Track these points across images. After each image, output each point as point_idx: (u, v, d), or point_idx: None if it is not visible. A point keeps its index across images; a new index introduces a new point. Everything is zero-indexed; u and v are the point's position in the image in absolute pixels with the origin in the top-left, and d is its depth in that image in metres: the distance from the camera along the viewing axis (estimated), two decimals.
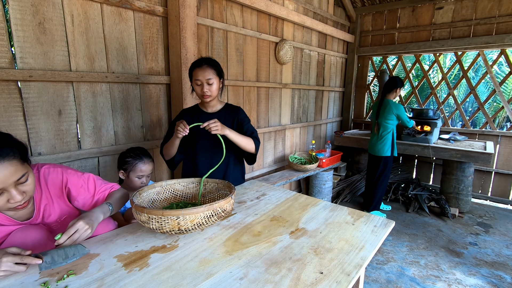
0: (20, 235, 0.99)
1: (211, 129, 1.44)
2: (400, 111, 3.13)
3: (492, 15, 3.66)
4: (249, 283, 0.88)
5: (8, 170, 0.87)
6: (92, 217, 1.04)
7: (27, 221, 1.07)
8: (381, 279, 2.30)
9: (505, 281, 2.30)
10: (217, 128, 1.45)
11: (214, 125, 1.44)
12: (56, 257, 0.90)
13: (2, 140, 0.89)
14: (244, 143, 1.62)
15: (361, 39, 4.74)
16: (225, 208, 1.14)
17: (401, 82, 3.22)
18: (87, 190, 1.20)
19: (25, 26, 1.49)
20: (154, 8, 2.00)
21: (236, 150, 1.79)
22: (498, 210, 3.77)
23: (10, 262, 0.82)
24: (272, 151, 3.44)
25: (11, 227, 1.03)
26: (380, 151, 3.25)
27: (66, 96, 1.69)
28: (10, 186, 0.90)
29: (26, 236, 1.00)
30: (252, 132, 1.73)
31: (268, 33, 3.06)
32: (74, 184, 1.17)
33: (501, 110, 4.00)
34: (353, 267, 0.96)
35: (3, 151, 0.86)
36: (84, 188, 1.19)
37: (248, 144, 1.64)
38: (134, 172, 1.63)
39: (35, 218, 1.09)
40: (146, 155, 1.68)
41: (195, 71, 1.58)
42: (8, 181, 0.88)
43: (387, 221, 1.31)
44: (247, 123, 1.76)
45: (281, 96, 3.43)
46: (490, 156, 3.09)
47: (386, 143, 3.21)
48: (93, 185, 1.22)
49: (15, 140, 0.94)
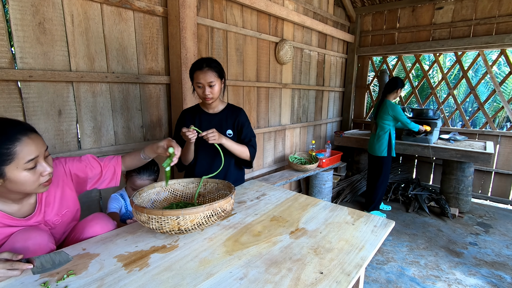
0: (21, 237, 0.99)
1: (209, 139, 1.48)
2: (397, 112, 3.11)
3: (492, 15, 3.66)
4: (249, 283, 0.88)
5: (39, 140, 0.98)
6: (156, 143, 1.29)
7: (29, 216, 1.07)
8: (381, 279, 2.30)
9: (505, 281, 2.30)
10: (214, 138, 1.50)
11: (212, 135, 1.49)
12: (45, 263, 0.90)
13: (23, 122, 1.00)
14: (239, 152, 1.67)
15: (361, 39, 4.74)
16: (225, 208, 1.14)
17: (402, 83, 3.22)
18: (93, 168, 1.26)
19: (25, 26, 1.49)
20: (154, 8, 2.00)
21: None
22: (498, 210, 3.76)
23: (3, 268, 0.83)
24: (272, 151, 3.44)
25: (12, 229, 1.02)
26: (377, 151, 3.27)
27: (66, 96, 1.69)
28: (41, 157, 0.97)
29: (27, 238, 1.00)
30: (250, 139, 1.76)
31: (268, 33, 3.06)
32: (78, 168, 1.22)
33: (501, 110, 4.00)
34: (353, 267, 0.96)
35: (30, 126, 0.98)
36: (89, 168, 1.25)
37: (243, 152, 1.69)
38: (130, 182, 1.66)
39: (37, 213, 1.10)
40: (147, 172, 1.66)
41: (196, 74, 1.57)
42: (42, 149, 0.98)
43: (387, 221, 1.31)
44: (247, 127, 1.77)
45: (281, 96, 3.43)
46: (490, 156, 3.09)
47: (383, 143, 3.22)
48: (95, 162, 1.28)
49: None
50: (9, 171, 0.91)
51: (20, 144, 0.91)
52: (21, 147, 0.91)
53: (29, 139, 0.94)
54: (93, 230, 1.16)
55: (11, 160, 0.90)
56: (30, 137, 0.94)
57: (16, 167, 0.91)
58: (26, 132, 0.94)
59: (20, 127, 0.94)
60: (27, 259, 0.89)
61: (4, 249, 0.97)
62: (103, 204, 1.92)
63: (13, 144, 0.90)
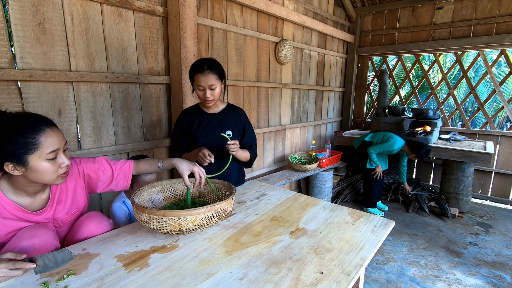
0: (28, 234, 1.00)
1: (230, 149, 1.54)
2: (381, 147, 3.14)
3: (492, 15, 3.66)
4: (249, 283, 0.88)
5: (61, 133, 1.05)
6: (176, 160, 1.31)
7: (40, 211, 1.10)
8: (381, 279, 2.30)
9: (505, 281, 2.30)
10: (235, 149, 1.55)
11: (233, 147, 1.54)
12: (48, 262, 0.91)
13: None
14: (243, 158, 1.73)
15: (361, 39, 4.74)
16: (226, 209, 1.14)
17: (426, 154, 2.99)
18: (105, 171, 1.27)
19: (25, 26, 1.49)
20: (154, 8, 2.00)
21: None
22: (498, 210, 3.76)
23: (5, 268, 0.84)
24: (272, 151, 3.44)
25: (20, 223, 1.04)
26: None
27: (66, 96, 1.69)
28: (61, 150, 1.03)
29: (34, 235, 1.00)
30: (251, 144, 1.81)
31: (268, 33, 3.06)
32: (91, 169, 1.24)
33: (501, 110, 4.00)
34: (353, 267, 0.96)
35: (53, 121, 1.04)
36: (101, 170, 1.26)
37: (246, 158, 1.75)
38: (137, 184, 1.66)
39: (48, 208, 1.12)
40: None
41: (197, 77, 1.55)
42: (62, 142, 1.04)
43: (387, 221, 1.31)
44: (249, 129, 1.80)
45: (281, 96, 3.43)
46: (490, 156, 3.09)
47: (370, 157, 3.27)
48: (107, 165, 1.28)
49: None
50: (32, 160, 0.96)
51: (44, 134, 0.97)
52: (45, 137, 0.97)
53: (53, 131, 1.00)
54: (87, 228, 1.16)
55: (35, 149, 0.96)
56: (53, 130, 1.01)
57: (39, 156, 0.97)
58: (49, 125, 1.01)
59: (45, 120, 1.01)
60: (30, 259, 0.89)
61: (10, 245, 0.98)
62: (103, 205, 1.92)
63: (38, 134, 0.96)
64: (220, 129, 1.70)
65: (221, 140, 1.63)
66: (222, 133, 1.66)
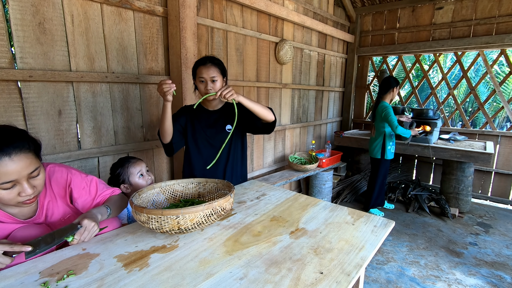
0: (21, 234, 0.99)
1: (226, 95, 1.41)
2: (386, 114, 3.02)
3: (492, 15, 3.66)
4: (249, 283, 0.87)
5: (24, 162, 0.90)
6: (93, 215, 1.05)
7: (30, 219, 1.07)
8: (381, 279, 2.30)
9: (505, 281, 2.30)
10: (232, 93, 1.42)
11: (227, 90, 1.41)
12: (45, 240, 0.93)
13: (20, 134, 0.93)
14: (259, 110, 1.54)
15: (361, 39, 4.74)
16: (225, 207, 1.14)
17: (396, 81, 3.17)
18: (89, 193, 1.20)
19: (25, 26, 1.49)
20: (154, 8, 2.00)
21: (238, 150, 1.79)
22: (498, 210, 3.76)
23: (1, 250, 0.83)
24: (272, 151, 3.44)
25: (13, 225, 1.02)
26: (372, 152, 3.32)
27: (66, 96, 1.69)
28: (23, 179, 0.92)
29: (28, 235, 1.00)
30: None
31: (268, 33, 3.06)
32: (77, 185, 1.17)
33: (501, 110, 4.00)
34: (353, 267, 0.96)
35: (20, 144, 0.90)
36: (85, 190, 1.20)
37: (265, 110, 1.57)
38: (132, 176, 1.62)
39: (38, 216, 1.09)
40: (129, 158, 1.65)
41: (199, 69, 1.59)
42: (22, 173, 0.90)
43: (387, 221, 1.31)
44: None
45: (281, 96, 3.43)
46: (490, 156, 3.09)
47: (377, 145, 3.24)
48: (95, 188, 1.22)
49: (30, 135, 0.98)
50: None
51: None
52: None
53: (11, 161, 0.87)
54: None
55: None
56: (12, 159, 0.87)
57: None
58: (9, 152, 0.86)
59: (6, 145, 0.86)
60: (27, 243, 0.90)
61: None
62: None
63: None
64: (220, 125, 1.71)
65: (220, 135, 1.66)
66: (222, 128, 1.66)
